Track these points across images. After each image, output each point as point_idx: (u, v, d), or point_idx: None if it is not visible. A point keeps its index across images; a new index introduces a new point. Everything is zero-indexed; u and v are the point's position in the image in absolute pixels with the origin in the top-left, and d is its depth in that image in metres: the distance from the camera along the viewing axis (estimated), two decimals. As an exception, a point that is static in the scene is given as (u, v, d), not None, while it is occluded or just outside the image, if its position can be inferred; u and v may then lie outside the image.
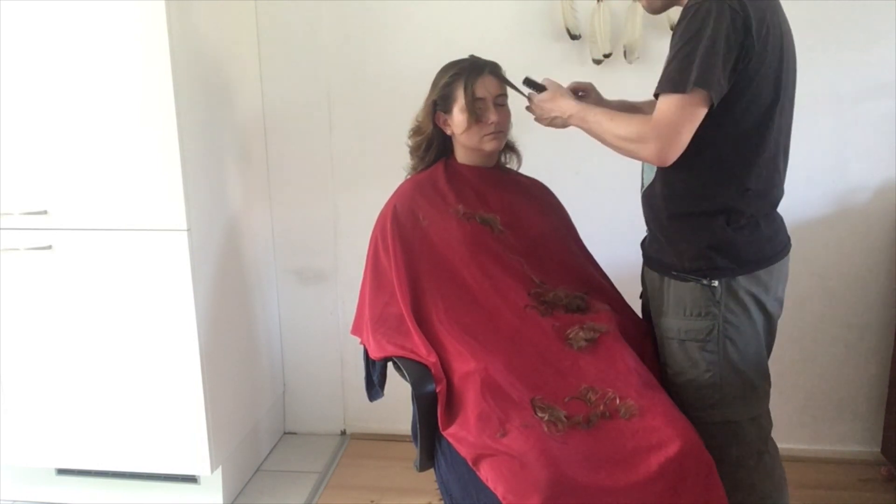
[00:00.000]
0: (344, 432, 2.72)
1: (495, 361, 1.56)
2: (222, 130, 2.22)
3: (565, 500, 1.31)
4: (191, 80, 1.97)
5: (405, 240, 1.72)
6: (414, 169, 1.87)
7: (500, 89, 1.74)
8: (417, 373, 1.55)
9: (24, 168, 1.99)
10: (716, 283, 1.50)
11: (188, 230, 1.97)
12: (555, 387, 1.55)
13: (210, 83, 2.13)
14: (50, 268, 2.04)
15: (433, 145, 1.82)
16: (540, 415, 1.46)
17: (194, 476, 2.23)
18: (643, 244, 1.71)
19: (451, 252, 1.71)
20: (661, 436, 1.40)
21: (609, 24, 2.20)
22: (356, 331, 1.79)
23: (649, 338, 1.72)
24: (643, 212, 1.65)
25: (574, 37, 2.25)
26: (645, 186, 1.62)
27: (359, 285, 1.81)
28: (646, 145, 1.40)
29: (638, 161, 1.56)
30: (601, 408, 1.49)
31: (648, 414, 1.46)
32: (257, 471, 2.51)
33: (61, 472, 2.29)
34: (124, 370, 2.08)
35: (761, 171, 1.47)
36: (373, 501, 2.28)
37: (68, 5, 1.87)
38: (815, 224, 2.29)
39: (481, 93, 1.71)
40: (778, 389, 1.62)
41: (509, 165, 1.90)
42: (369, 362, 1.74)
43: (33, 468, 2.29)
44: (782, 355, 2.03)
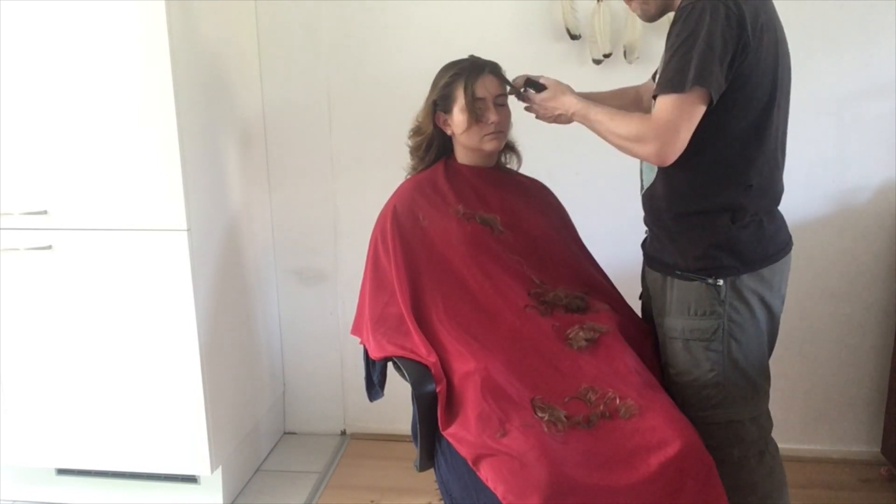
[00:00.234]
0: (344, 432, 2.72)
1: (495, 361, 1.56)
2: (222, 130, 2.22)
3: (565, 499, 1.31)
4: (191, 80, 1.97)
5: (405, 240, 1.72)
6: (414, 169, 1.87)
7: (500, 89, 1.74)
8: (417, 373, 1.55)
9: (24, 168, 1.99)
10: (721, 283, 1.50)
11: (188, 230, 1.97)
12: (555, 387, 1.55)
13: (210, 83, 2.13)
14: (50, 268, 2.04)
15: (433, 145, 1.82)
16: (540, 415, 1.46)
17: (194, 476, 2.23)
18: (644, 245, 1.71)
19: (451, 252, 1.71)
20: (661, 436, 1.40)
21: (609, 24, 2.20)
22: (356, 331, 1.79)
23: (649, 338, 1.72)
24: (644, 213, 1.65)
25: (574, 37, 2.25)
26: (645, 187, 1.62)
27: (359, 285, 1.81)
28: (645, 145, 1.40)
29: (637, 161, 1.57)
30: (601, 408, 1.49)
31: (648, 414, 1.46)
32: (257, 471, 2.50)
33: (61, 472, 2.29)
34: (124, 370, 2.08)
35: (762, 167, 1.47)
36: (373, 501, 2.28)
37: (68, 5, 1.87)
38: (815, 224, 2.29)
39: (481, 93, 1.71)
40: (778, 389, 1.62)
41: (509, 165, 1.90)
42: (369, 362, 1.74)
43: (33, 468, 2.29)
44: (782, 355, 2.03)
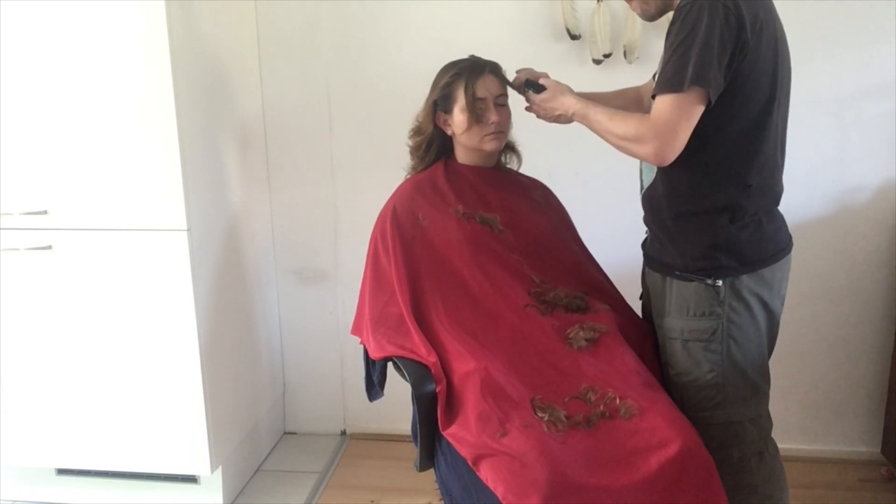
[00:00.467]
0: (344, 432, 2.72)
1: (495, 361, 1.55)
2: (222, 130, 2.22)
3: (565, 499, 1.31)
4: (191, 80, 1.97)
5: (405, 240, 1.72)
6: (414, 169, 1.86)
7: (500, 89, 1.74)
8: (417, 373, 1.55)
9: (24, 168, 1.99)
10: (720, 283, 1.49)
11: (188, 230, 1.97)
12: (555, 386, 1.55)
13: (210, 83, 2.13)
14: (50, 268, 2.04)
15: (433, 145, 1.82)
16: (540, 415, 1.46)
17: (194, 476, 2.23)
18: (644, 245, 1.71)
19: (451, 252, 1.71)
20: (661, 436, 1.40)
21: (609, 24, 2.20)
22: (356, 331, 1.79)
23: (649, 338, 1.72)
24: (644, 213, 1.65)
25: (574, 37, 2.25)
26: (644, 188, 1.62)
27: (359, 285, 1.81)
28: (644, 145, 1.41)
29: (637, 161, 1.57)
30: (601, 407, 1.49)
31: (648, 414, 1.46)
32: (257, 471, 2.50)
33: (61, 472, 2.29)
34: (124, 370, 2.08)
35: (762, 166, 1.47)
36: (373, 501, 2.28)
37: (68, 5, 1.87)
38: (815, 224, 2.29)
39: (482, 93, 1.71)
40: (778, 389, 1.62)
41: (509, 165, 1.90)
42: (369, 362, 1.74)
43: (33, 468, 2.29)
44: (782, 355, 2.03)
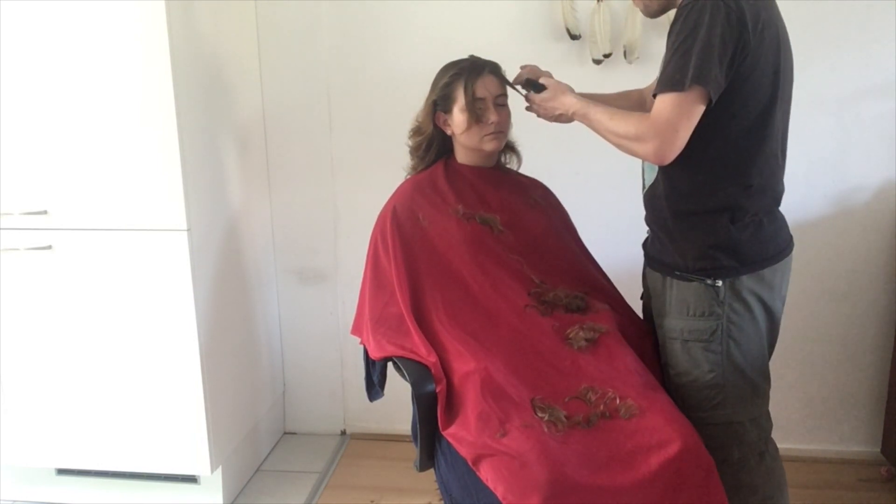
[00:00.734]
0: (344, 432, 2.72)
1: (495, 361, 1.55)
2: (222, 130, 2.22)
3: (565, 499, 1.31)
4: (191, 80, 1.97)
5: (405, 240, 1.72)
6: (414, 169, 1.86)
7: (500, 89, 1.74)
8: (417, 373, 1.55)
9: (24, 168, 1.99)
10: (720, 283, 1.49)
11: (188, 230, 1.97)
12: (555, 386, 1.55)
13: (210, 83, 2.13)
14: (50, 268, 2.04)
15: (433, 145, 1.82)
16: (540, 415, 1.46)
17: (194, 476, 2.23)
18: (645, 245, 1.71)
19: (451, 252, 1.71)
20: (662, 436, 1.40)
21: (609, 24, 2.20)
22: (356, 331, 1.79)
23: (649, 338, 1.72)
24: (645, 212, 1.65)
25: (574, 37, 2.25)
26: (646, 187, 1.62)
27: (359, 285, 1.81)
28: (644, 144, 1.40)
29: (638, 160, 1.57)
30: (601, 407, 1.49)
31: (648, 414, 1.46)
32: (257, 471, 2.50)
33: (61, 472, 2.29)
34: (124, 370, 2.08)
35: (763, 167, 1.47)
36: (373, 501, 2.28)
37: (68, 5, 1.87)
38: (815, 224, 2.29)
39: (481, 93, 1.71)
40: (778, 389, 1.62)
41: (509, 165, 1.90)
42: (369, 362, 1.74)
43: (33, 468, 2.29)
44: (782, 355, 2.03)
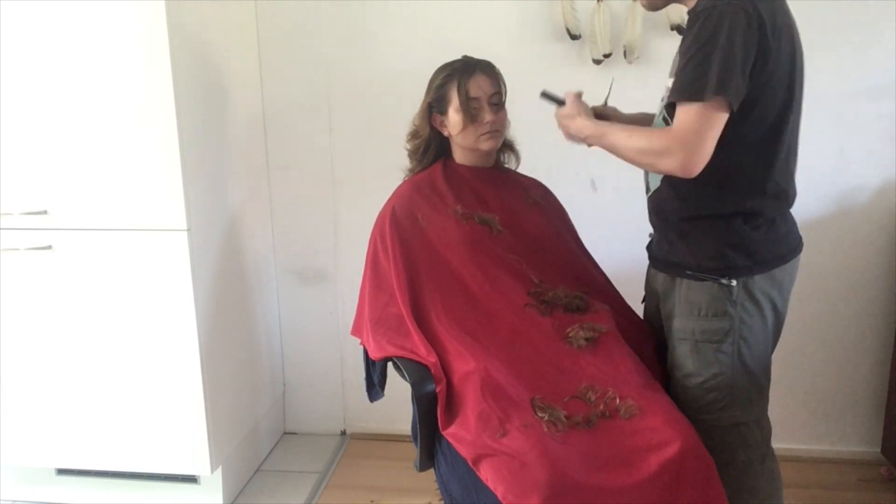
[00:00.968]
0: (344, 432, 2.72)
1: (495, 361, 1.56)
2: (222, 130, 2.22)
3: (565, 499, 1.31)
4: (191, 80, 1.97)
5: (404, 240, 1.72)
6: (412, 171, 1.86)
7: (494, 88, 1.74)
8: (417, 373, 1.55)
9: (24, 168, 1.99)
10: (734, 283, 1.46)
11: (188, 230, 1.97)
12: (555, 386, 1.55)
13: (210, 83, 2.13)
14: (50, 268, 2.04)
15: (431, 147, 1.82)
16: (540, 415, 1.46)
17: (194, 476, 2.23)
18: (649, 247, 1.68)
19: (450, 252, 1.71)
20: (661, 436, 1.40)
21: (609, 24, 2.20)
22: (356, 331, 1.79)
23: (649, 338, 1.72)
24: (649, 215, 1.62)
25: (574, 37, 2.25)
26: (650, 191, 1.59)
27: (359, 285, 1.81)
28: (670, 158, 1.35)
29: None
30: (601, 407, 1.49)
31: (648, 414, 1.46)
32: (257, 471, 2.50)
33: (61, 472, 2.29)
34: (124, 370, 2.08)
35: (778, 172, 1.44)
36: (373, 501, 2.28)
37: (68, 5, 1.87)
38: (815, 224, 2.29)
39: (475, 92, 1.71)
40: (778, 389, 1.62)
41: (508, 165, 1.90)
42: (369, 363, 1.74)
43: (33, 468, 2.29)
44: (782, 355, 2.03)
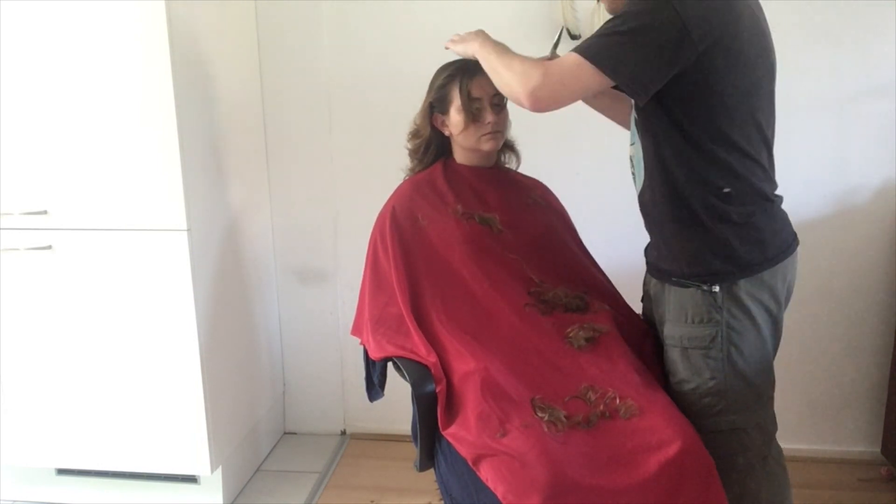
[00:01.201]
0: (344, 432, 2.72)
1: (495, 361, 1.55)
2: (222, 131, 2.22)
3: (565, 499, 1.31)
4: (191, 81, 1.97)
5: (404, 240, 1.72)
6: (412, 171, 1.86)
7: (495, 89, 1.73)
8: (417, 373, 1.55)
9: (24, 168, 1.99)
10: (716, 289, 1.45)
11: (188, 230, 1.97)
12: (555, 386, 1.55)
13: (210, 83, 2.13)
14: (50, 268, 2.04)
15: (431, 147, 1.82)
16: (540, 415, 1.46)
17: (194, 476, 2.23)
18: (646, 251, 1.67)
19: (450, 252, 1.71)
20: (662, 436, 1.40)
21: (609, 24, 2.20)
22: (356, 331, 1.79)
23: (649, 338, 1.71)
24: (642, 218, 1.62)
25: (574, 37, 2.25)
26: (638, 188, 1.59)
27: (359, 285, 1.81)
28: (526, 80, 1.38)
29: (629, 162, 1.54)
30: (601, 407, 1.49)
31: (648, 414, 1.45)
32: (257, 471, 2.51)
33: (61, 472, 2.29)
34: (124, 370, 2.08)
35: (738, 171, 1.42)
36: (373, 501, 2.28)
37: (68, 5, 1.87)
38: (815, 224, 2.29)
39: (477, 92, 1.70)
40: (778, 389, 1.61)
41: (508, 165, 1.90)
42: (369, 362, 1.74)
43: (33, 468, 2.29)
44: (782, 355, 2.01)
